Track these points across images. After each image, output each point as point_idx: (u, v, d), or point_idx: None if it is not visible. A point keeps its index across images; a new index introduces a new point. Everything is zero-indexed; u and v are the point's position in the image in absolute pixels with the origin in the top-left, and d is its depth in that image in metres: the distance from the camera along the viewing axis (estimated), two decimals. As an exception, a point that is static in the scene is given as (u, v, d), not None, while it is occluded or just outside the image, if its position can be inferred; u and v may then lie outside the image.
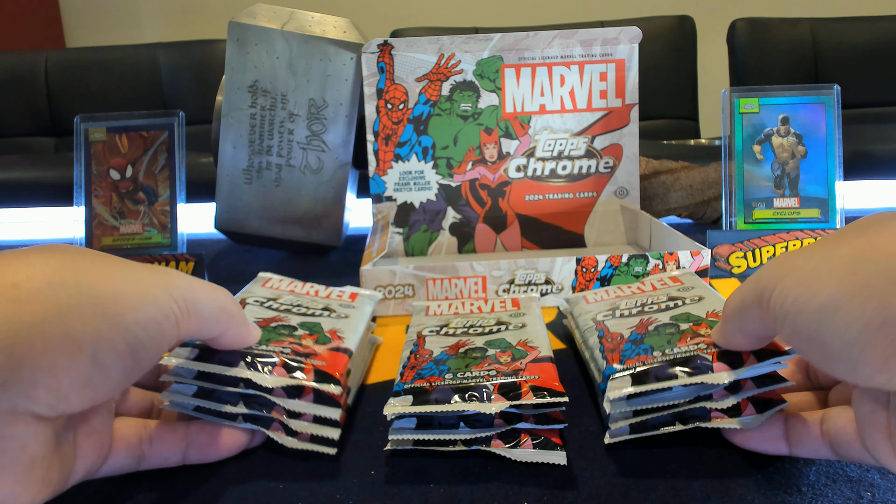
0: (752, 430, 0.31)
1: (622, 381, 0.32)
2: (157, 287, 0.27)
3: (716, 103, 0.70)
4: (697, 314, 0.36)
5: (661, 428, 0.32)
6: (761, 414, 0.31)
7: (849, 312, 0.23)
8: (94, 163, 0.66)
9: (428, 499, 0.30)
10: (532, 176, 0.68)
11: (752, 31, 2.09)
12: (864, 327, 0.22)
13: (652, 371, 0.31)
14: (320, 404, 0.33)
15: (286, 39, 0.66)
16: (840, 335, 0.23)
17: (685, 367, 0.31)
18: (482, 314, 0.43)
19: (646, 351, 0.33)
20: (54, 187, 1.69)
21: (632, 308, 0.39)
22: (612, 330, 0.37)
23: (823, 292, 0.24)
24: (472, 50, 0.65)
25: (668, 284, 0.42)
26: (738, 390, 0.32)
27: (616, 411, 0.32)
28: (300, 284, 0.45)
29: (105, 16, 2.81)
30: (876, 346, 0.22)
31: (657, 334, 0.35)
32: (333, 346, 0.36)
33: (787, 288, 0.25)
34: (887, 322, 0.22)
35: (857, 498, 0.29)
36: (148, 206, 0.66)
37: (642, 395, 0.32)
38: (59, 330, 0.23)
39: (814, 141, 0.63)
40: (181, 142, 0.66)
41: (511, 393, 0.32)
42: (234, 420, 0.33)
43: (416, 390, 0.33)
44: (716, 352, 0.31)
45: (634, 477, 0.31)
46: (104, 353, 0.24)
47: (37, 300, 0.23)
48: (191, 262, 0.62)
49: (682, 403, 0.32)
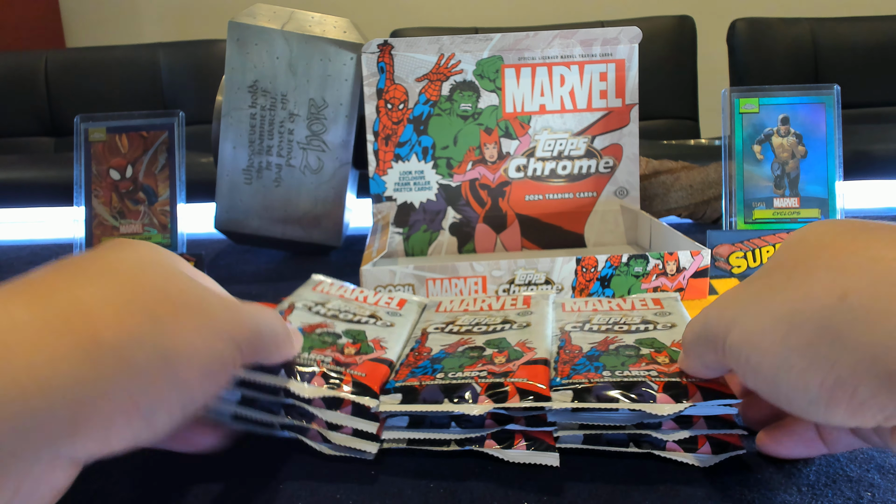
0: (785, 438, 0.31)
1: (564, 395, 0.32)
2: (225, 338, 0.27)
3: (716, 103, 0.70)
4: (662, 341, 0.36)
5: (614, 446, 0.32)
6: (716, 455, 0.31)
7: (802, 374, 0.23)
8: (94, 163, 0.66)
9: (428, 499, 0.30)
10: (532, 176, 0.68)
11: (752, 31, 2.09)
12: (821, 387, 0.22)
13: (594, 390, 0.32)
14: (358, 416, 0.33)
15: (286, 39, 0.66)
16: (801, 394, 0.23)
17: (629, 392, 0.31)
18: (491, 311, 0.43)
19: (597, 369, 0.33)
20: (54, 187, 1.69)
21: (602, 325, 0.40)
22: (573, 342, 0.37)
23: (772, 352, 0.24)
24: (472, 50, 0.65)
25: (647, 306, 0.42)
26: (689, 425, 0.32)
27: (561, 421, 0.32)
28: (349, 289, 0.45)
29: (105, 16, 2.81)
30: (839, 402, 0.22)
31: (615, 354, 0.35)
32: (375, 356, 0.36)
33: (737, 344, 0.26)
34: (841, 380, 0.22)
35: (857, 498, 0.29)
36: (148, 206, 0.66)
37: (587, 411, 0.32)
38: (125, 395, 0.23)
39: (814, 141, 0.63)
40: (181, 142, 0.66)
41: (497, 395, 0.32)
42: (271, 429, 0.33)
43: (405, 389, 0.33)
44: (663, 382, 0.32)
45: (635, 476, 0.31)
46: (160, 414, 0.24)
47: (114, 363, 0.23)
48: (191, 262, 0.62)
49: (629, 427, 0.32)
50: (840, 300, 0.22)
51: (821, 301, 0.23)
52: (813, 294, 0.23)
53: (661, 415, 0.31)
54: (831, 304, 0.22)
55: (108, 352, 0.23)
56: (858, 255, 0.23)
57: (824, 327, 0.22)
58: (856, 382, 0.22)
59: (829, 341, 0.22)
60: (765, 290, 0.25)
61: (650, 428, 0.32)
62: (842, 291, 0.22)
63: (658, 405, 0.31)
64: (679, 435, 0.31)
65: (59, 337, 0.22)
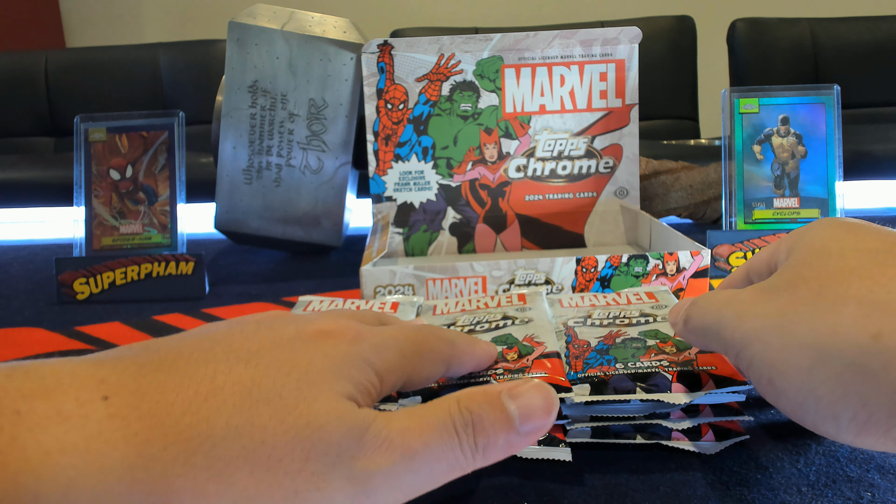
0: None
1: (581, 388, 0.32)
2: (352, 405, 0.23)
3: (716, 103, 0.70)
4: (666, 332, 0.36)
5: (622, 437, 0.32)
6: (719, 442, 0.32)
7: (831, 405, 0.23)
8: (94, 163, 0.66)
9: (427, 496, 0.30)
10: (532, 176, 0.68)
11: (752, 31, 2.09)
12: (851, 421, 0.23)
13: (611, 382, 0.32)
14: None
15: (286, 39, 0.66)
16: (830, 423, 0.23)
17: (644, 383, 0.32)
18: (489, 309, 0.43)
19: (609, 362, 0.34)
20: (54, 187, 1.69)
21: (603, 318, 0.40)
22: (580, 337, 0.38)
23: (798, 380, 0.24)
24: (472, 50, 0.65)
25: (642, 300, 0.43)
26: (695, 414, 0.32)
27: (574, 414, 0.33)
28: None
29: (105, 16, 2.81)
30: (870, 434, 0.23)
31: (623, 347, 0.35)
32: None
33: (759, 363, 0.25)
34: (874, 417, 0.22)
35: (857, 498, 0.29)
36: (148, 206, 0.66)
37: (600, 404, 0.32)
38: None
39: (814, 141, 0.63)
40: (181, 142, 0.66)
41: None
42: None
43: (424, 391, 0.33)
44: (676, 372, 0.32)
45: (635, 475, 0.31)
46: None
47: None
48: (191, 262, 0.62)
49: (638, 417, 0.32)
50: (874, 340, 0.22)
51: (852, 337, 0.22)
52: (843, 328, 0.23)
53: (676, 404, 0.31)
54: (864, 343, 0.22)
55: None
56: (891, 290, 0.23)
57: (856, 364, 0.22)
58: (890, 422, 0.22)
59: (862, 379, 0.22)
60: (789, 310, 0.25)
61: (659, 418, 0.32)
62: (876, 330, 0.22)
63: (673, 395, 0.31)
64: (685, 424, 0.32)
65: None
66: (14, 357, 0.50)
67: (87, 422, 0.19)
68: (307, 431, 0.20)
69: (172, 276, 0.62)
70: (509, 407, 0.23)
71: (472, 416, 0.23)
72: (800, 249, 0.28)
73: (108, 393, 0.20)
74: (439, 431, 0.22)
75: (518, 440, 0.23)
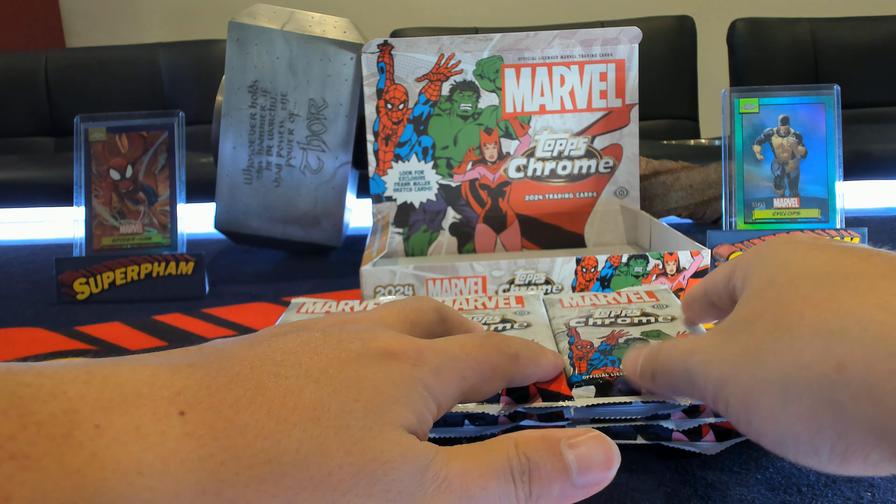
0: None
1: (586, 390, 0.32)
2: (413, 439, 0.23)
3: (716, 103, 0.70)
4: (668, 332, 0.36)
5: (623, 438, 0.32)
6: (720, 442, 0.32)
7: (810, 441, 0.23)
8: (94, 163, 0.66)
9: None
10: (532, 176, 0.68)
11: (752, 31, 2.09)
12: (832, 452, 0.23)
13: (616, 384, 0.32)
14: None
15: (286, 39, 0.66)
16: (812, 457, 0.23)
17: None
18: (486, 310, 0.43)
19: (612, 363, 0.34)
20: (54, 187, 1.69)
21: (605, 318, 0.40)
22: (582, 337, 0.37)
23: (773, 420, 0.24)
24: (472, 50, 0.65)
25: (643, 299, 0.43)
26: (696, 415, 0.32)
27: (576, 417, 0.33)
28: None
29: (105, 16, 2.81)
30: (852, 463, 0.23)
31: (626, 347, 0.35)
32: None
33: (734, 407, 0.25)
34: (852, 448, 0.22)
35: (857, 498, 0.29)
36: (148, 206, 0.66)
37: (603, 406, 0.32)
38: None
39: (814, 141, 0.63)
40: (181, 142, 0.66)
41: (518, 395, 0.32)
42: None
43: None
44: None
45: (636, 475, 0.31)
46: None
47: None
48: (191, 262, 0.62)
49: (639, 419, 0.32)
50: (838, 372, 0.22)
51: (817, 372, 0.22)
52: (805, 363, 0.23)
53: (680, 404, 0.31)
54: (830, 376, 0.22)
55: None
56: (844, 318, 0.23)
57: (826, 399, 0.22)
58: (867, 450, 0.22)
59: (833, 412, 0.22)
60: (752, 350, 0.25)
61: (660, 418, 0.32)
62: (837, 362, 0.22)
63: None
64: (686, 424, 0.32)
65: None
66: (14, 357, 0.50)
67: (165, 439, 0.19)
68: (372, 466, 0.21)
69: (172, 276, 0.62)
70: (568, 457, 0.23)
71: (530, 464, 0.23)
72: (752, 280, 0.27)
73: (184, 408, 0.20)
74: (497, 476, 0.22)
75: (573, 492, 0.23)
